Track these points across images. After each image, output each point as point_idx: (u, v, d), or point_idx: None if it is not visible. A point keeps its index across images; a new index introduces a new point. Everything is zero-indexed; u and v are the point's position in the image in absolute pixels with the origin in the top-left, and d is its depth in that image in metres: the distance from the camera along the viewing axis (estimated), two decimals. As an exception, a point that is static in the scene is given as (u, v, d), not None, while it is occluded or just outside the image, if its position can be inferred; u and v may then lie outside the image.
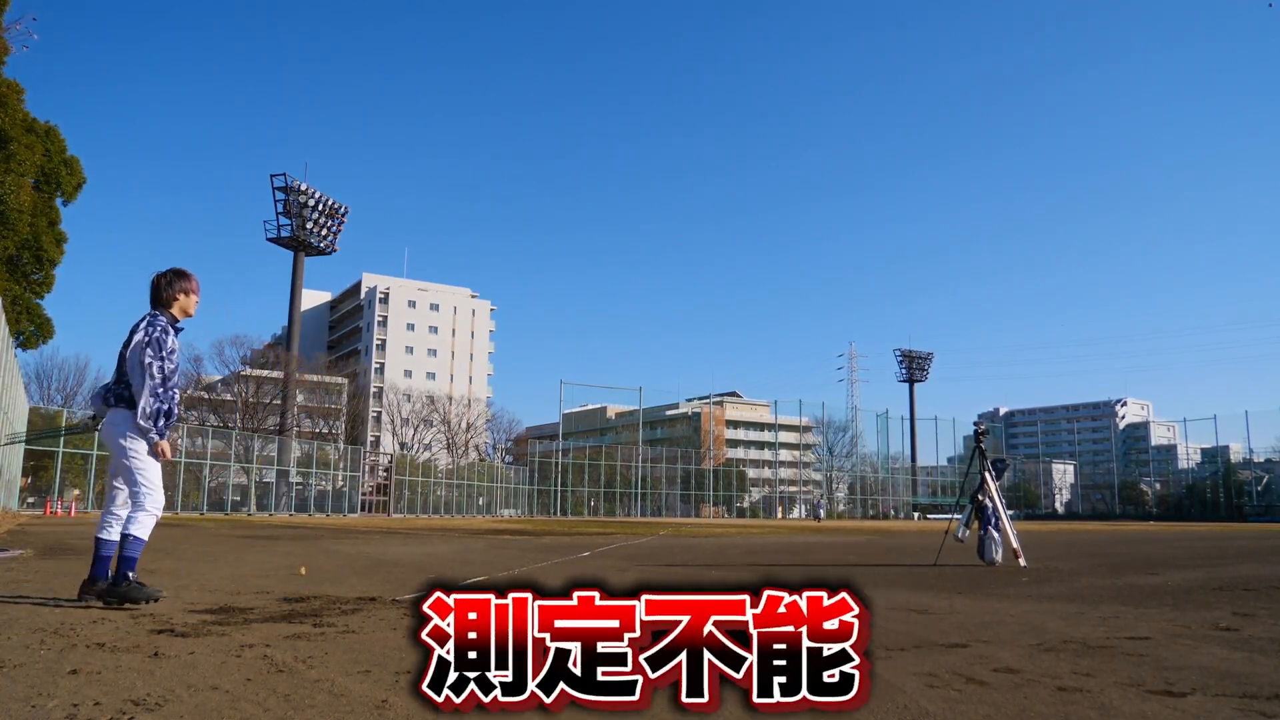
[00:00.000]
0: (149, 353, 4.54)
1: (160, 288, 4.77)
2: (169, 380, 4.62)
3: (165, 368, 4.58)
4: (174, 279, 4.80)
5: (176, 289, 4.78)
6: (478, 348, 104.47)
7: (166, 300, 4.76)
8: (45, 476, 35.69)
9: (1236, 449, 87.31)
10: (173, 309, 4.78)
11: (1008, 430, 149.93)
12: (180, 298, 4.80)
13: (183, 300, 4.81)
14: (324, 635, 3.65)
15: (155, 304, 4.76)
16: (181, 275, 4.83)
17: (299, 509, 45.10)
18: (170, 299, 4.77)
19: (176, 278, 4.80)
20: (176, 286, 4.78)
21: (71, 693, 2.51)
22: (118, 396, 4.64)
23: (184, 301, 4.82)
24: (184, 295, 4.81)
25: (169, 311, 4.76)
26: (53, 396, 52.32)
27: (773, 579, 2.18)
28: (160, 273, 4.81)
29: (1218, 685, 2.89)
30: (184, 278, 4.83)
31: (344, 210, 62.32)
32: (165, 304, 4.76)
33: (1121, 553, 12.42)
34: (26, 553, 8.73)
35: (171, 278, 4.80)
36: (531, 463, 64.09)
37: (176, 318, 4.80)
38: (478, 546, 12.28)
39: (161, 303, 4.76)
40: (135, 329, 4.63)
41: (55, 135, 26.14)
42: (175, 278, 4.80)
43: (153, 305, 4.76)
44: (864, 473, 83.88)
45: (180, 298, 4.80)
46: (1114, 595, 6.03)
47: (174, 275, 4.81)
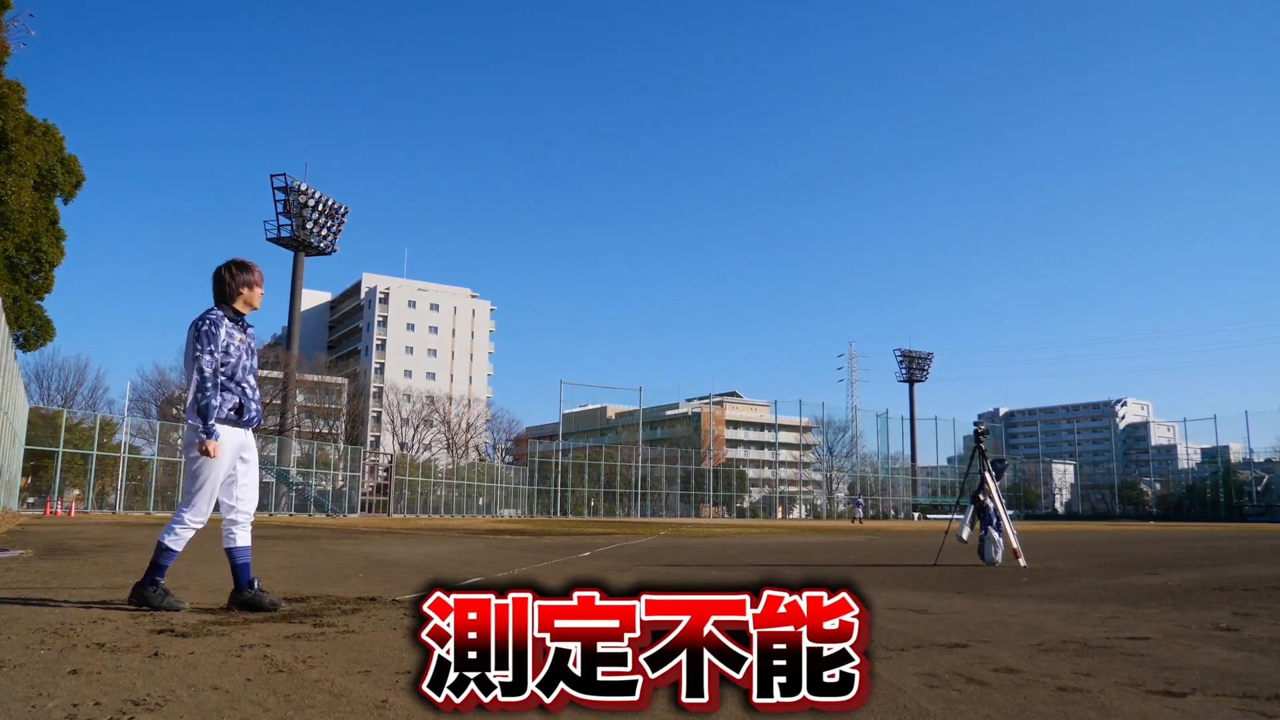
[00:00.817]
0: (197, 346, 4.43)
1: (224, 281, 4.61)
2: (223, 375, 4.48)
3: (214, 361, 4.44)
4: (236, 271, 4.63)
5: (239, 282, 4.62)
6: (478, 348, 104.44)
7: (230, 295, 4.62)
8: (45, 476, 35.69)
9: (1236, 449, 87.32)
10: (236, 304, 4.64)
11: (1008, 430, 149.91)
12: (244, 291, 4.65)
13: (246, 294, 4.65)
14: (324, 635, 3.65)
15: (218, 299, 4.62)
16: (244, 267, 4.66)
17: (299, 509, 45.09)
18: (234, 293, 4.62)
19: (239, 270, 4.64)
20: (239, 279, 4.62)
21: (71, 693, 2.51)
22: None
23: (247, 295, 4.66)
24: (246, 289, 4.65)
25: (231, 306, 4.62)
26: (53, 397, 52.31)
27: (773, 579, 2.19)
28: (222, 265, 4.66)
29: (1218, 685, 2.89)
30: (246, 269, 4.66)
31: (344, 210, 62.33)
32: (228, 299, 4.62)
33: (1121, 553, 12.42)
34: (26, 553, 8.73)
35: (234, 270, 4.63)
36: (531, 463, 64.10)
37: (241, 312, 4.66)
38: (478, 546, 12.28)
39: (224, 298, 4.62)
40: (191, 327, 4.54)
41: (53, 133, 26.12)
42: (237, 270, 4.63)
43: (215, 300, 4.63)
44: (864, 473, 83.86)
45: (244, 291, 4.65)
46: (1114, 595, 6.03)
47: (236, 268, 4.64)
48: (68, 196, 27.11)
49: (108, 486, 41.11)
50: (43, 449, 32.69)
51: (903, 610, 4.96)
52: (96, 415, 38.75)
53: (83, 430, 37.29)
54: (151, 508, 35.73)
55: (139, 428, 47.48)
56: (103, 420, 38.81)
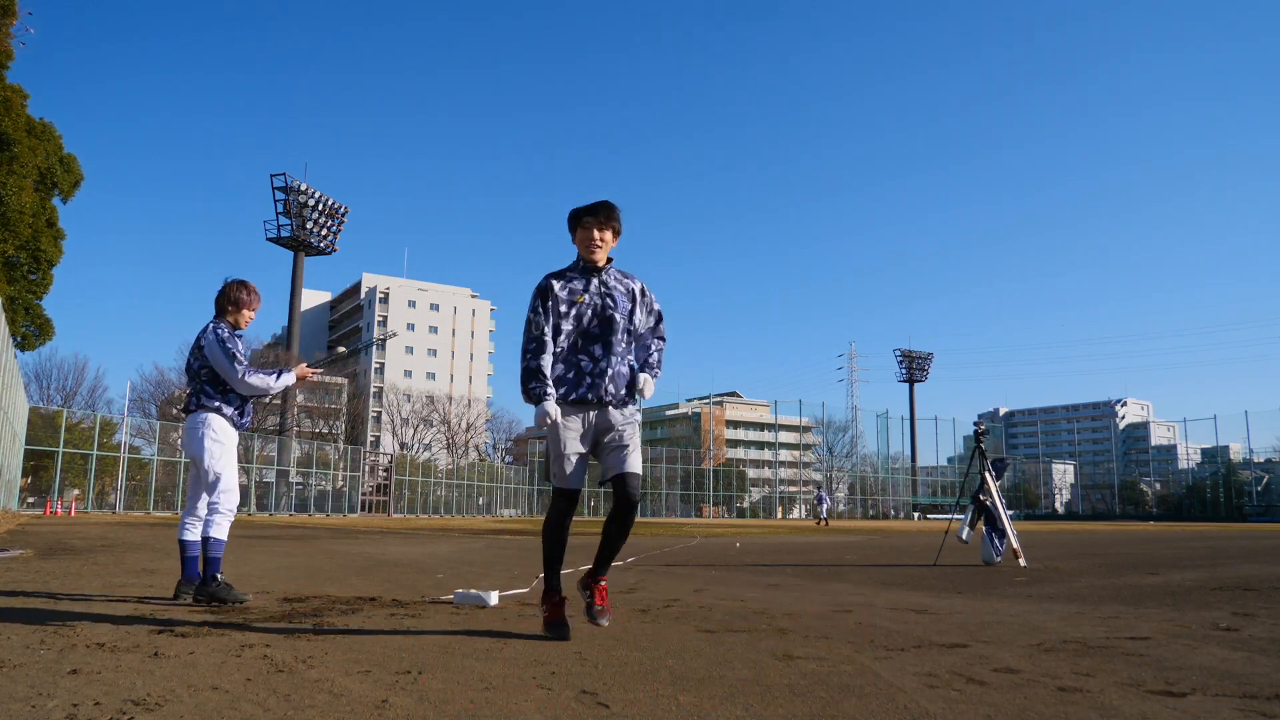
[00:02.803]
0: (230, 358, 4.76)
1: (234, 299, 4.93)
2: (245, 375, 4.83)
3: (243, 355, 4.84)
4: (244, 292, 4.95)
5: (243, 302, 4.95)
6: (478, 348, 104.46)
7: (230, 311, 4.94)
8: (45, 476, 35.68)
9: (1236, 449, 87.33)
10: (230, 319, 4.94)
11: (1008, 430, 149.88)
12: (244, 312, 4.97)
13: (247, 315, 4.98)
14: (324, 635, 3.65)
15: (220, 312, 4.94)
16: (251, 291, 5.00)
17: (299, 509, 45.09)
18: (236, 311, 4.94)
19: (247, 292, 4.97)
20: (244, 301, 4.95)
21: (71, 693, 2.51)
22: (198, 398, 4.81)
23: (247, 315, 4.98)
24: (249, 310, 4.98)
25: (227, 321, 4.93)
26: (52, 397, 52.33)
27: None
28: (232, 282, 4.97)
29: (1218, 685, 2.89)
30: (252, 294, 5.00)
31: (344, 210, 62.32)
32: (227, 314, 4.94)
33: (1121, 553, 12.41)
34: (26, 553, 8.72)
35: (245, 291, 4.96)
36: (531, 463, 64.09)
37: (236, 327, 4.97)
38: (478, 546, 12.28)
39: (225, 312, 4.94)
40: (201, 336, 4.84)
41: (51, 133, 26.10)
42: (245, 291, 4.96)
43: (217, 312, 4.95)
44: (864, 473, 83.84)
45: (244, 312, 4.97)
46: (1114, 595, 6.02)
47: (246, 290, 4.97)
48: (66, 196, 27.09)
49: (108, 486, 41.09)
50: (43, 449, 32.68)
51: (903, 610, 4.96)
52: (96, 415, 38.73)
53: (82, 430, 37.27)
54: (151, 507, 35.71)
55: (139, 428, 47.54)
56: (102, 420, 38.79)
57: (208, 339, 4.80)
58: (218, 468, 4.76)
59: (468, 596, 4.92)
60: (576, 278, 3.73)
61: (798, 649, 3.48)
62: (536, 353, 3.61)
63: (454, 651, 3.32)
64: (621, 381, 3.72)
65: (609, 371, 3.69)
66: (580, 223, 3.72)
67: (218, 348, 4.76)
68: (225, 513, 4.74)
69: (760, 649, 3.47)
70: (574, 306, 3.68)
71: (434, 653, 3.28)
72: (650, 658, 3.26)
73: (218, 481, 4.76)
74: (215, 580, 4.61)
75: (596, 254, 3.72)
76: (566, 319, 3.67)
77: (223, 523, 4.72)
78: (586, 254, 3.73)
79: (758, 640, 3.70)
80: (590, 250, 3.72)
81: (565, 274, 3.75)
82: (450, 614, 4.47)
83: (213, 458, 4.75)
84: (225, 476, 4.77)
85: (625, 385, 3.74)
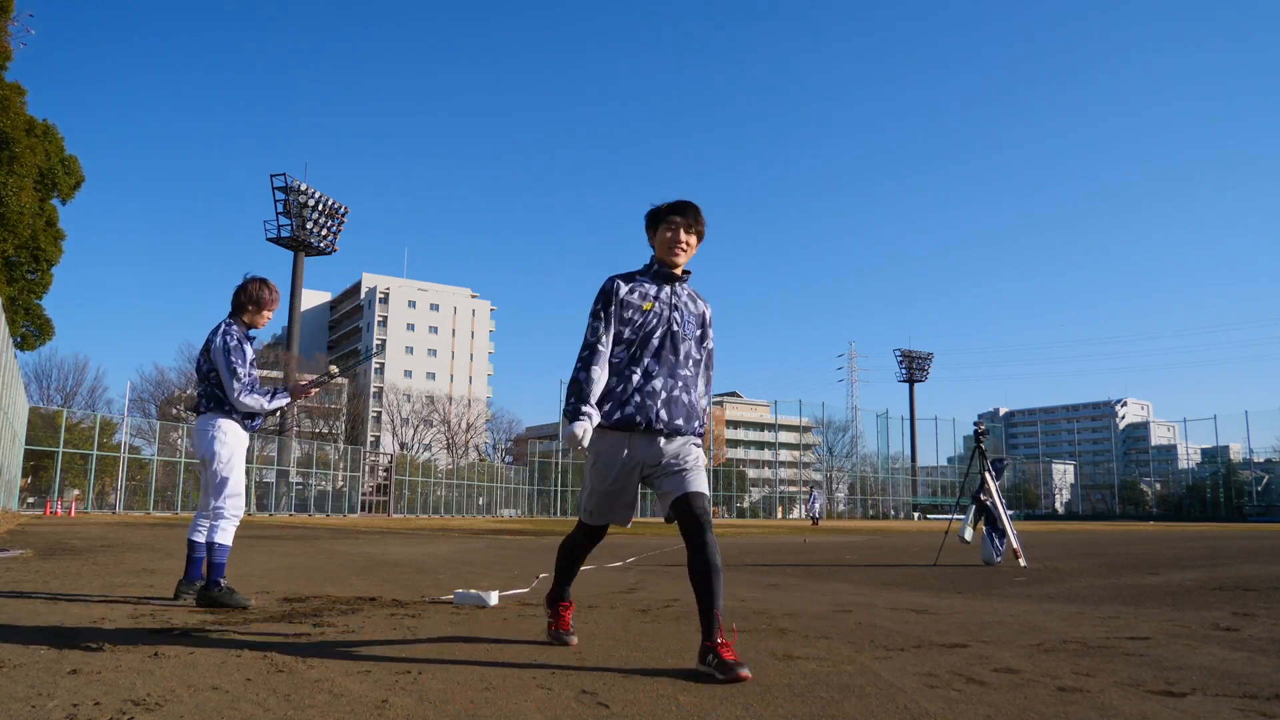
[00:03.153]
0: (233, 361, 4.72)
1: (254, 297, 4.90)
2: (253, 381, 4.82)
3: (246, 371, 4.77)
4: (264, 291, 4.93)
5: (263, 302, 4.92)
6: (478, 348, 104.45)
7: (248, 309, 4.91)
8: (45, 476, 35.68)
9: (1236, 449, 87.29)
10: (247, 318, 4.92)
11: (1008, 430, 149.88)
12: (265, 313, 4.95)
13: (266, 315, 4.96)
14: (324, 635, 3.65)
15: (236, 309, 4.91)
16: (271, 291, 4.98)
17: (299, 509, 45.09)
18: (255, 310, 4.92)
19: (266, 291, 4.95)
20: (263, 300, 4.92)
21: (71, 693, 2.51)
22: (208, 400, 4.80)
23: (266, 316, 4.97)
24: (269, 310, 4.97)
25: (243, 320, 4.91)
26: (52, 397, 52.33)
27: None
28: (252, 280, 4.94)
29: (1218, 685, 2.89)
30: (271, 293, 4.98)
31: (344, 210, 62.32)
32: (244, 312, 4.91)
33: (1121, 553, 12.41)
34: (26, 553, 8.72)
35: (264, 289, 4.93)
36: (531, 463, 64.06)
37: (250, 326, 4.95)
38: (478, 547, 12.28)
39: (242, 309, 4.91)
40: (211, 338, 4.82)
41: (53, 133, 26.11)
42: (265, 290, 4.94)
43: (233, 309, 4.92)
44: (864, 473, 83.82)
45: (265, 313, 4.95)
46: (1114, 595, 6.02)
47: (267, 288, 4.95)
48: (66, 197, 27.09)
49: (108, 486, 41.08)
50: (42, 449, 32.67)
51: (903, 610, 4.96)
52: (96, 415, 38.72)
53: (82, 430, 37.26)
54: (151, 508, 35.71)
55: (139, 428, 47.52)
56: (102, 420, 38.77)
57: (215, 344, 4.74)
58: (225, 471, 4.73)
59: (468, 597, 4.92)
60: (647, 281, 3.32)
61: (798, 649, 3.48)
62: (586, 363, 3.21)
63: (454, 651, 3.32)
64: (679, 410, 3.22)
65: (663, 394, 3.21)
66: (665, 221, 3.31)
67: (222, 357, 4.71)
68: (230, 518, 4.72)
69: (760, 649, 3.47)
70: (640, 313, 3.25)
71: (434, 653, 3.28)
72: (650, 658, 3.26)
73: (224, 485, 4.72)
74: (219, 586, 4.56)
75: (679, 258, 3.32)
76: (628, 325, 3.24)
77: (228, 528, 4.70)
78: (667, 257, 3.31)
79: (758, 640, 3.70)
80: (673, 253, 3.30)
81: (634, 276, 3.34)
82: (450, 614, 4.47)
83: (221, 461, 4.72)
84: (232, 481, 4.75)
85: (683, 415, 3.23)
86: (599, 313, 3.26)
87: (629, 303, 3.25)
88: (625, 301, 3.25)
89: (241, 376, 4.70)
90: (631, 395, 3.20)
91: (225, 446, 4.74)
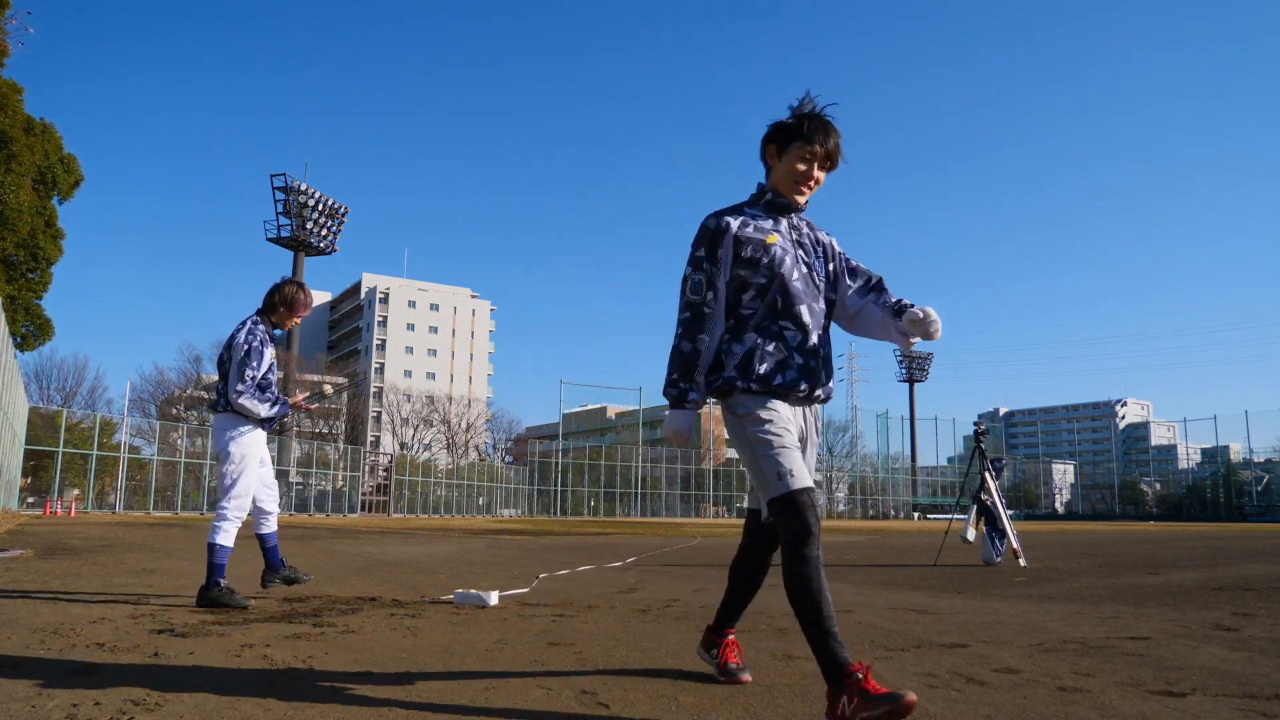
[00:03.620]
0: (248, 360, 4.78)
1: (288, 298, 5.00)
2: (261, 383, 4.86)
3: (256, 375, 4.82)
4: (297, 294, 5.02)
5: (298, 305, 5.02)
6: (478, 348, 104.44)
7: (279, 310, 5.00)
8: (45, 476, 35.67)
9: (1236, 449, 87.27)
10: (276, 318, 5.01)
11: (1008, 430, 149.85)
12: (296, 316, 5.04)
13: (297, 318, 5.06)
14: (324, 635, 3.65)
15: (267, 308, 5.00)
16: (305, 293, 5.08)
17: (299, 509, 45.08)
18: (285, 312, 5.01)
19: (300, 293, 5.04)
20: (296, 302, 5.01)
21: (71, 693, 2.51)
22: (226, 401, 4.83)
23: (296, 318, 5.06)
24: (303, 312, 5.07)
25: (271, 320, 5.00)
26: (52, 397, 52.33)
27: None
28: (287, 282, 5.06)
29: (1218, 685, 2.89)
30: (305, 295, 5.07)
31: (344, 210, 62.28)
32: (274, 312, 5.00)
33: (1121, 553, 12.41)
34: (26, 553, 8.72)
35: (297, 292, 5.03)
36: (531, 463, 64.06)
37: (277, 326, 5.04)
38: (478, 546, 12.28)
39: (272, 309, 5.00)
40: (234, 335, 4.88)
41: (51, 133, 26.12)
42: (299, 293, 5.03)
43: (264, 308, 5.01)
44: (864, 473, 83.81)
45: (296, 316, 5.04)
46: (1114, 595, 6.02)
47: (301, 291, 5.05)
48: (65, 196, 27.10)
49: (108, 486, 41.08)
50: (42, 449, 32.66)
51: (903, 610, 4.96)
52: (96, 415, 38.72)
53: (82, 430, 37.26)
54: (151, 508, 35.71)
55: (139, 428, 47.53)
56: (102, 420, 38.77)
57: (238, 341, 4.82)
58: (235, 473, 4.76)
59: (468, 597, 4.92)
60: (761, 215, 2.64)
61: (798, 649, 3.47)
62: (690, 329, 2.54)
63: (454, 651, 3.32)
64: (829, 372, 2.64)
65: (821, 351, 2.60)
66: (801, 145, 2.60)
67: (239, 355, 4.77)
68: (233, 519, 4.72)
69: (760, 649, 3.47)
70: (763, 251, 2.56)
71: (434, 653, 3.28)
72: (650, 658, 3.26)
73: (233, 486, 4.74)
74: (218, 586, 4.56)
75: (804, 196, 2.67)
76: (754, 268, 2.55)
77: (230, 530, 4.70)
78: (790, 192, 2.64)
79: (758, 640, 3.70)
80: (798, 190, 2.64)
81: (742, 209, 2.65)
82: (450, 614, 4.46)
83: (232, 462, 4.76)
84: (240, 482, 4.76)
85: (832, 378, 2.66)
86: (705, 259, 2.57)
87: (747, 239, 2.57)
88: (741, 239, 2.57)
89: (248, 379, 4.74)
90: (792, 356, 2.54)
91: (238, 446, 4.77)
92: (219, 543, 4.64)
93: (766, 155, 2.68)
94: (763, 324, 2.55)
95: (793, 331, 2.55)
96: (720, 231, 2.57)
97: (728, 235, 2.57)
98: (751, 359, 2.50)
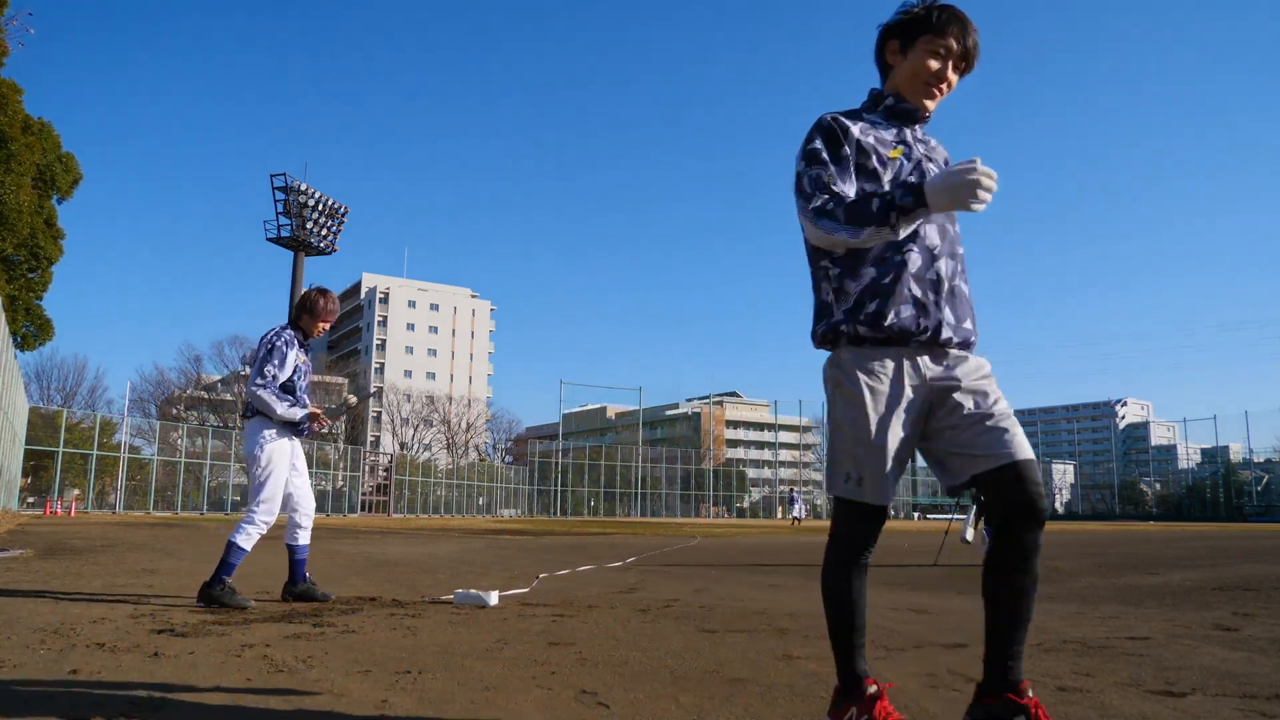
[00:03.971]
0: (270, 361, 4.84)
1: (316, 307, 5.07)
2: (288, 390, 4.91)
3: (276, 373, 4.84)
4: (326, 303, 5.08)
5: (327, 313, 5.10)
6: (478, 348, 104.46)
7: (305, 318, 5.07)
8: (45, 476, 35.67)
9: (1236, 449, 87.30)
10: (304, 325, 5.07)
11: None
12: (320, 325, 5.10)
13: (322, 326, 5.12)
14: (324, 635, 3.65)
15: (295, 317, 5.09)
16: (332, 302, 5.13)
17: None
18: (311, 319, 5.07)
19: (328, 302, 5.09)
20: (323, 311, 5.08)
21: (71, 693, 2.51)
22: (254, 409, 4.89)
23: (322, 326, 5.12)
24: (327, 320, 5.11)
25: (300, 328, 5.06)
26: (52, 397, 52.36)
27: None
28: (316, 290, 5.13)
29: (1218, 685, 2.89)
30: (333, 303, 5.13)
31: (344, 210, 62.27)
32: (301, 320, 5.07)
33: (1121, 553, 12.41)
34: (26, 553, 8.73)
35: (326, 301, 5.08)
36: (531, 463, 64.10)
37: (307, 334, 5.09)
38: (478, 546, 12.28)
39: (300, 319, 5.08)
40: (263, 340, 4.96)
41: (49, 132, 26.11)
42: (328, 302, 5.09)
43: (293, 317, 5.10)
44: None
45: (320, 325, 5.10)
46: (1114, 595, 6.03)
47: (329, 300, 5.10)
48: (65, 195, 27.11)
49: (108, 486, 41.10)
50: (43, 449, 32.67)
51: (903, 610, 4.96)
52: (96, 415, 38.73)
53: (82, 430, 37.27)
54: (151, 508, 35.72)
55: (139, 428, 47.56)
56: (102, 420, 38.79)
57: (263, 341, 4.90)
58: (262, 477, 4.80)
59: (468, 597, 4.93)
60: (880, 122, 2.17)
61: (798, 649, 3.48)
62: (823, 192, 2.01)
63: (454, 651, 3.32)
64: (965, 307, 2.13)
65: (948, 283, 2.09)
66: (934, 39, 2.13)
67: (261, 353, 4.86)
68: (259, 524, 4.75)
69: (760, 649, 3.47)
70: (886, 163, 2.09)
71: (434, 653, 3.28)
72: (650, 658, 3.26)
73: (259, 491, 4.78)
74: (222, 584, 4.57)
75: (934, 100, 2.19)
76: (873, 180, 2.07)
77: (253, 534, 4.71)
78: (917, 96, 2.18)
79: (758, 640, 3.70)
80: (928, 92, 2.17)
81: (860, 114, 2.18)
82: (450, 614, 4.47)
83: (260, 466, 4.80)
84: (267, 487, 4.79)
85: (971, 317, 2.15)
86: (824, 157, 2.06)
87: (868, 147, 2.09)
88: (863, 145, 2.09)
89: (268, 375, 4.81)
90: (902, 287, 2.03)
91: (264, 451, 4.81)
92: (238, 543, 4.65)
93: (886, 53, 2.22)
94: (884, 254, 2.05)
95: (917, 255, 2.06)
96: (840, 132, 2.08)
97: (847, 136, 2.08)
98: (864, 297, 2.04)
